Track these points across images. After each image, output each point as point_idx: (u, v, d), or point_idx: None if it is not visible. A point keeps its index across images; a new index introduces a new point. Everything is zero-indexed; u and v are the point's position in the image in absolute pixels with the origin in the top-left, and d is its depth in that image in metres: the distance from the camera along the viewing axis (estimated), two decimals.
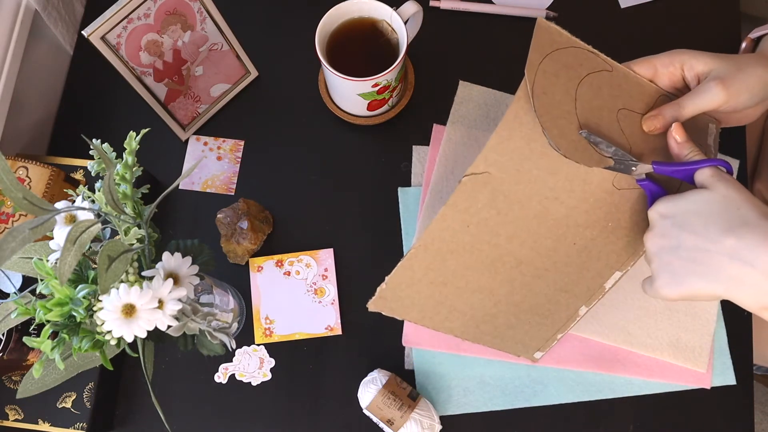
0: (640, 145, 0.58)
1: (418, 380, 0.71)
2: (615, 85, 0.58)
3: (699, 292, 0.48)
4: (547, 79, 0.55)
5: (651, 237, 0.51)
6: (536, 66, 0.55)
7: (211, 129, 0.80)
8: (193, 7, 0.70)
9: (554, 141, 0.54)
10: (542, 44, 0.56)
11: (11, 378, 0.68)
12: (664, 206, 0.51)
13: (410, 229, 0.75)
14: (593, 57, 0.58)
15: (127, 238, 0.46)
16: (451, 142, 0.76)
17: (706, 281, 0.47)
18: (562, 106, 0.55)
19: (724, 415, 0.69)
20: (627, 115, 0.58)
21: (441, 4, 0.82)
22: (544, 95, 0.55)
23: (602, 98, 0.57)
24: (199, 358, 0.72)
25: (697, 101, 0.55)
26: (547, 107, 0.55)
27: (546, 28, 0.57)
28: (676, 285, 0.49)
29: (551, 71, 0.56)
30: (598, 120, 0.57)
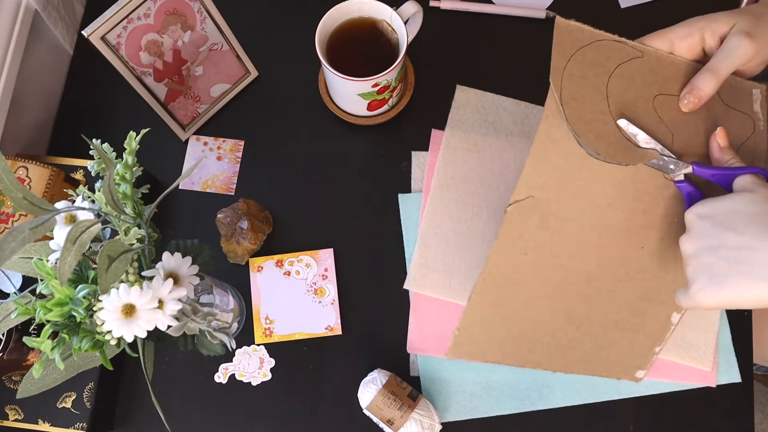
0: (683, 132, 0.55)
1: (424, 386, 0.71)
2: (648, 71, 0.56)
3: (741, 295, 0.45)
4: (574, 83, 0.53)
5: (688, 239, 0.49)
6: (561, 71, 0.53)
7: (211, 129, 0.80)
8: (193, 7, 0.70)
9: (591, 147, 0.52)
10: (564, 46, 0.54)
11: (11, 378, 0.68)
12: (703, 208, 0.49)
13: (411, 235, 0.75)
14: (620, 46, 0.55)
15: (127, 238, 0.46)
16: (450, 147, 0.76)
17: (751, 280, 0.44)
18: (595, 107, 0.54)
19: (724, 415, 0.69)
20: (665, 100, 0.56)
21: (441, 4, 0.82)
22: (574, 101, 0.53)
23: (636, 89, 0.55)
24: (199, 358, 0.72)
25: (728, 59, 0.53)
26: (579, 113, 0.53)
27: (566, 28, 0.54)
28: (716, 288, 0.46)
29: (578, 73, 0.54)
30: (634, 113, 0.54)
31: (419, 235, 0.74)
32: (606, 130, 0.53)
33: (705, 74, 0.54)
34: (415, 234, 0.75)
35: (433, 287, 0.72)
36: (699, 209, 0.49)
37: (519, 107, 0.78)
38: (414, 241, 0.74)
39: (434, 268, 0.73)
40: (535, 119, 0.77)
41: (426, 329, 0.72)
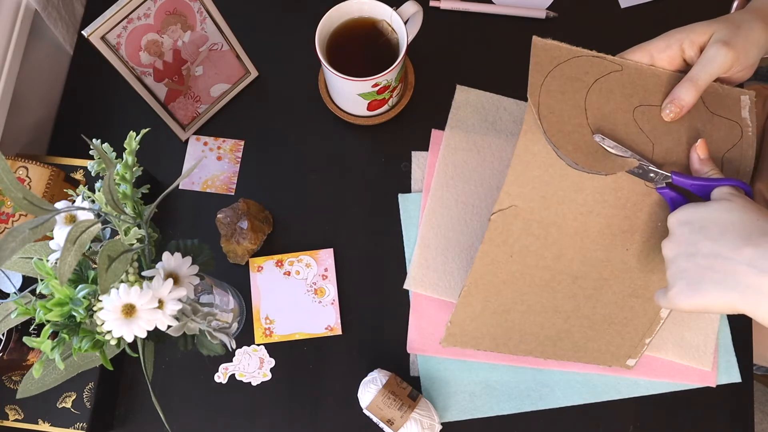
0: (664, 141, 0.57)
1: (423, 386, 0.71)
2: (627, 84, 0.57)
3: (714, 302, 0.46)
4: (552, 97, 0.55)
5: (668, 243, 0.51)
6: (539, 87, 0.55)
7: (211, 129, 0.80)
8: (193, 7, 0.70)
9: (571, 158, 0.54)
10: (542, 63, 0.56)
11: (11, 378, 0.68)
12: (684, 213, 0.50)
13: (411, 235, 0.75)
14: (599, 61, 0.57)
15: (127, 238, 0.46)
16: (450, 147, 0.76)
17: (722, 289, 0.46)
18: (573, 120, 0.55)
19: (724, 415, 0.69)
20: (645, 111, 0.57)
21: (441, 4, 0.82)
22: (552, 115, 0.55)
23: (615, 101, 0.57)
24: (199, 358, 0.72)
25: (707, 69, 0.54)
26: (557, 126, 0.54)
27: (542, 47, 0.56)
28: (691, 293, 0.47)
29: (556, 89, 0.55)
30: (613, 125, 0.56)
31: (419, 235, 0.74)
32: (584, 141, 0.55)
33: (685, 84, 0.55)
34: (415, 234, 0.75)
35: (433, 287, 0.72)
36: (680, 215, 0.51)
37: (519, 107, 0.78)
38: (414, 241, 0.74)
39: (434, 268, 0.73)
40: None
41: (426, 329, 0.72)
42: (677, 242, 0.50)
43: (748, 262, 0.44)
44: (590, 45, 0.61)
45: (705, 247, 0.47)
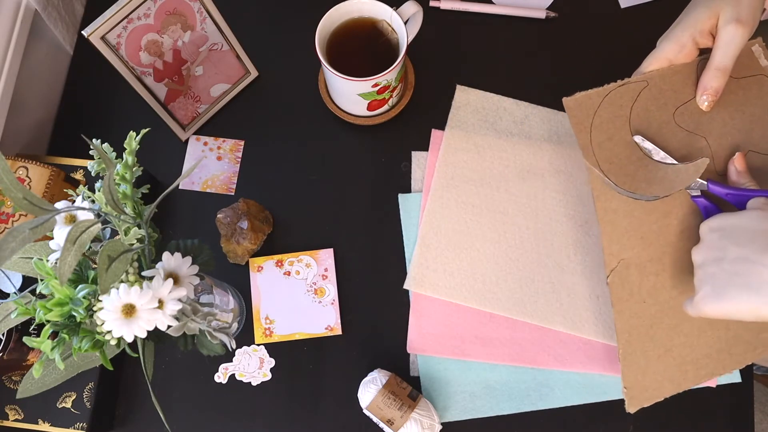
0: (713, 130, 0.59)
1: (423, 386, 0.71)
2: (657, 95, 0.59)
3: (739, 307, 0.46)
4: (604, 148, 0.58)
5: (698, 249, 0.51)
6: (589, 146, 0.57)
7: (211, 129, 0.80)
8: (193, 7, 0.70)
9: (648, 193, 0.57)
10: (580, 121, 0.58)
11: (11, 378, 0.68)
12: (715, 221, 0.51)
13: (411, 235, 0.75)
14: (625, 88, 0.58)
15: (127, 238, 0.46)
16: (450, 147, 0.76)
17: (747, 293, 0.45)
18: (631, 157, 0.58)
19: (724, 415, 0.69)
20: (683, 111, 0.59)
21: (441, 4, 0.82)
22: (612, 164, 0.57)
23: (655, 118, 0.58)
24: (199, 358, 0.72)
25: (729, 52, 0.55)
26: (622, 171, 0.57)
27: (575, 104, 0.58)
28: (717, 297, 0.47)
29: (604, 138, 0.58)
30: (665, 141, 0.58)
31: (419, 235, 0.74)
32: (648, 171, 0.58)
33: (713, 73, 0.56)
34: (415, 234, 0.75)
35: (433, 287, 0.72)
36: (711, 222, 0.51)
37: (519, 107, 0.78)
38: (414, 241, 0.74)
39: (434, 268, 0.73)
40: (535, 119, 0.77)
41: (426, 329, 0.72)
42: (706, 248, 0.50)
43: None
44: (590, 45, 0.61)
45: (732, 252, 0.47)
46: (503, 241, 0.73)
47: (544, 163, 0.75)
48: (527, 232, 0.73)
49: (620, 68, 0.78)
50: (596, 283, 0.72)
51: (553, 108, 0.78)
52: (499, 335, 0.71)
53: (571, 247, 0.73)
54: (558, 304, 0.71)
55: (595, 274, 0.72)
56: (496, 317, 0.72)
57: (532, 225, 0.74)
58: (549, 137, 0.77)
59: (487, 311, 0.72)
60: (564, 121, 0.77)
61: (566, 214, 0.74)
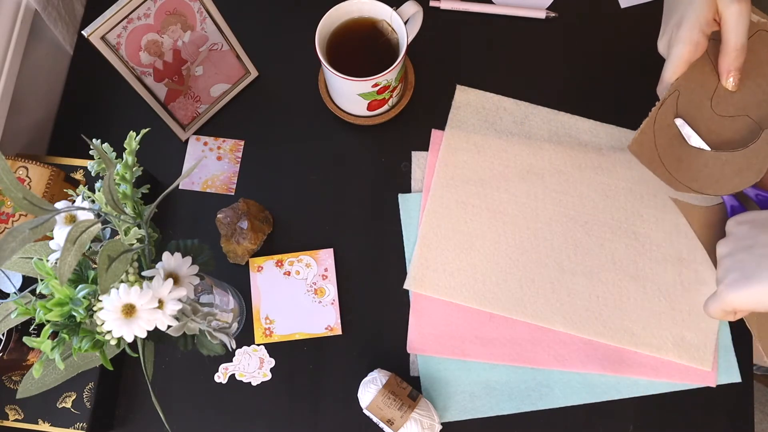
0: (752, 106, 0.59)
1: (424, 386, 0.71)
2: (691, 96, 0.59)
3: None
4: (681, 170, 0.59)
5: (724, 242, 0.50)
6: (672, 177, 0.59)
7: (211, 129, 0.80)
8: (193, 7, 0.70)
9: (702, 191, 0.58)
10: (651, 159, 0.59)
11: (11, 378, 0.68)
12: (743, 216, 0.50)
13: (411, 235, 0.75)
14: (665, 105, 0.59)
15: (127, 238, 0.46)
16: (450, 147, 0.76)
17: None
18: (705, 162, 0.58)
19: (724, 415, 0.69)
20: (717, 99, 0.59)
21: (441, 4, 0.82)
22: (697, 181, 0.58)
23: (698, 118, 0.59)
24: (199, 358, 0.72)
25: (739, 30, 0.55)
26: (707, 181, 0.58)
27: (638, 146, 0.59)
28: (746, 282, 0.45)
29: (674, 160, 0.59)
30: (720, 134, 0.59)
31: (419, 235, 0.74)
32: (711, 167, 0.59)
33: (732, 54, 0.56)
34: (415, 234, 0.75)
35: (433, 287, 0.72)
36: (739, 217, 0.51)
37: (519, 107, 0.78)
38: (414, 241, 0.74)
39: (434, 268, 0.73)
40: (535, 119, 0.77)
41: (426, 329, 0.72)
42: (735, 239, 0.48)
43: None
44: (590, 45, 0.61)
45: (764, 239, 0.46)
46: (503, 241, 0.73)
47: (544, 163, 0.75)
48: (527, 232, 0.73)
49: (620, 68, 0.78)
50: (596, 283, 0.72)
51: (553, 108, 0.78)
52: (499, 335, 0.71)
53: (571, 247, 0.73)
54: (558, 304, 0.71)
55: (595, 274, 0.72)
56: (496, 317, 0.72)
57: (532, 225, 0.74)
58: (549, 137, 0.76)
59: (487, 311, 0.72)
60: (564, 121, 0.77)
61: (566, 214, 0.74)
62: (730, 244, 0.49)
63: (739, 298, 0.46)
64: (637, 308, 0.71)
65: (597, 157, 0.75)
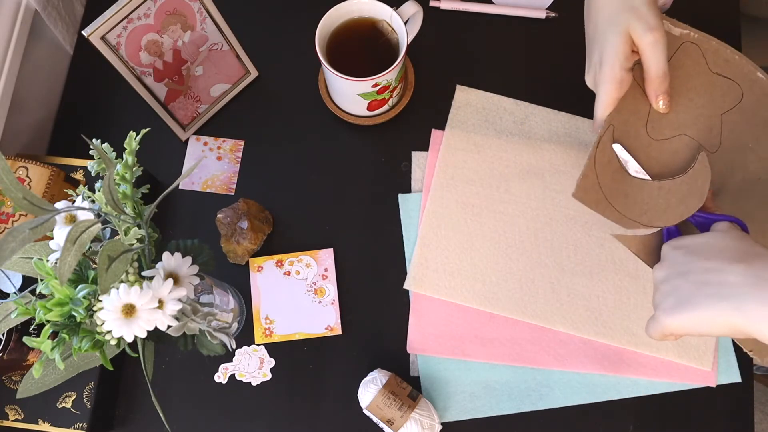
0: (689, 123, 0.59)
1: (424, 386, 0.71)
2: (625, 128, 0.58)
3: (709, 315, 0.44)
4: (629, 205, 0.57)
5: (660, 267, 0.50)
6: (621, 215, 0.57)
7: (211, 129, 0.80)
8: (193, 7, 0.70)
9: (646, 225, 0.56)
10: (597, 200, 0.57)
11: (11, 378, 0.68)
12: (679, 241, 0.50)
13: (411, 235, 0.75)
14: (602, 143, 0.57)
15: (127, 238, 0.46)
16: (450, 147, 0.76)
17: (715, 300, 0.43)
18: (648, 192, 0.57)
19: (724, 415, 0.69)
20: (651, 123, 0.59)
21: (441, 4, 0.82)
22: (647, 213, 0.56)
23: (637, 148, 0.58)
24: (199, 358, 0.72)
25: (659, 57, 0.55)
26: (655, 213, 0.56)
27: (582, 191, 0.56)
28: (681, 308, 0.45)
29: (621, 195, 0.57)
30: (663, 161, 0.58)
31: (419, 235, 0.74)
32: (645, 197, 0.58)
33: (656, 81, 0.56)
34: (415, 234, 0.75)
35: (433, 287, 0.72)
36: (674, 242, 0.51)
37: (519, 107, 0.78)
38: (414, 241, 0.74)
39: (434, 268, 0.73)
40: (535, 119, 0.77)
41: (426, 329, 0.72)
42: (670, 264, 0.49)
43: (743, 272, 0.43)
44: None
45: (699, 265, 0.46)
46: (503, 241, 0.73)
47: (544, 163, 0.75)
48: (527, 232, 0.73)
49: None
50: (596, 283, 0.72)
51: (553, 108, 0.78)
52: (499, 335, 0.71)
53: (571, 247, 0.73)
54: (558, 304, 0.71)
55: (595, 274, 0.72)
56: (496, 317, 0.72)
57: (532, 225, 0.74)
58: (549, 137, 0.77)
59: (487, 311, 0.72)
60: (564, 121, 0.77)
61: (566, 214, 0.74)
62: (665, 269, 0.49)
63: (676, 323, 0.46)
64: (637, 308, 0.71)
65: None
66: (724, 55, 0.60)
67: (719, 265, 0.45)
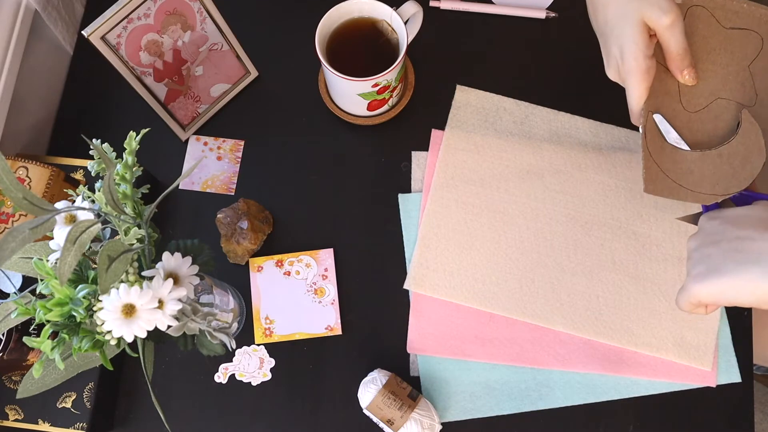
0: (719, 86, 0.59)
1: (424, 386, 0.71)
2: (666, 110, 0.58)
3: (737, 282, 0.43)
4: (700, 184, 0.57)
5: (694, 237, 0.50)
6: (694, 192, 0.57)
7: (211, 129, 0.80)
8: (193, 7, 0.70)
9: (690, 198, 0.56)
10: (670, 188, 0.57)
11: (11, 378, 0.68)
12: (715, 212, 0.50)
13: (411, 235, 0.75)
14: (648, 131, 0.58)
15: (127, 238, 0.46)
16: (450, 147, 0.76)
17: (746, 266, 0.43)
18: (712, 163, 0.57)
19: (724, 415, 0.69)
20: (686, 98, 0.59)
21: (441, 4, 0.82)
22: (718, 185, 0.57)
23: (682, 125, 0.58)
24: (199, 358, 0.72)
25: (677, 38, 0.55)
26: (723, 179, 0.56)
27: (653, 184, 0.57)
28: (713, 274, 0.45)
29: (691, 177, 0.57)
30: (708, 132, 0.58)
31: (419, 235, 0.74)
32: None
33: (677, 59, 0.56)
34: (415, 234, 0.75)
35: (433, 287, 0.72)
36: (711, 213, 0.51)
37: (519, 107, 0.78)
38: (414, 241, 0.74)
39: (434, 268, 0.73)
40: (535, 119, 0.77)
41: (426, 329, 0.72)
42: (704, 234, 0.48)
43: None
44: (590, 45, 0.61)
45: (731, 233, 0.46)
46: (503, 241, 0.73)
47: (544, 163, 0.75)
48: (527, 232, 0.73)
49: None
50: (596, 283, 0.72)
51: (553, 108, 0.78)
52: (499, 335, 0.71)
53: (571, 247, 0.73)
54: (558, 304, 0.71)
55: (595, 274, 0.72)
56: (496, 317, 0.72)
57: (532, 225, 0.74)
58: (549, 137, 0.77)
59: (487, 311, 0.72)
60: (564, 121, 0.77)
61: (566, 214, 0.74)
62: (699, 238, 0.49)
63: (705, 290, 0.46)
64: (637, 308, 0.71)
65: (597, 157, 0.75)
66: (732, 8, 0.60)
67: (752, 233, 0.45)
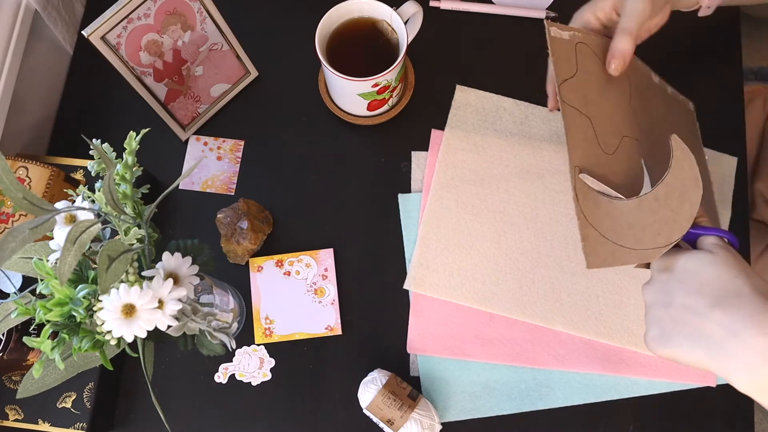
0: (621, 124, 0.57)
1: (424, 386, 0.71)
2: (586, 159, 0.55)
3: (684, 355, 0.46)
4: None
5: (648, 288, 0.51)
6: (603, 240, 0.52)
7: (211, 129, 0.80)
8: (193, 7, 0.70)
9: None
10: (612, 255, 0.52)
11: (11, 378, 0.68)
12: (665, 261, 0.50)
13: (411, 235, 0.75)
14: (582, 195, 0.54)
15: (127, 238, 0.46)
16: (450, 147, 0.76)
17: (691, 344, 0.46)
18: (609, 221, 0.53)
19: (724, 415, 0.69)
20: (601, 137, 0.56)
21: (441, 4, 0.82)
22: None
23: (598, 168, 0.55)
24: (199, 358, 0.72)
25: (631, 16, 0.56)
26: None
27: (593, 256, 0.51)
28: (663, 342, 0.48)
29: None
30: (624, 174, 0.56)
31: (419, 235, 0.74)
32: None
33: (620, 36, 0.57)
34: (415, 234, 0.75)
35: (433, 287, 0.72)
36: (662, 262, 0.50)
37: (519, 108, 0.78)
38: (414, 241, 0.74)
39: (434, 268, 0.73)
40: (535, 119, 0.77)
41: (426, 329, 0.72)
42: (655, 289, 0.50)
43: (718, 322, 0.45)
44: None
45: (680, 299, 0.47)
46: (503, 241, 0.73)
47: (544, 163, 0.75)
48: (527, 232, 0.74)
49: None
50: (596, 283, 0.72)
51: None
52: (499, 335, 0.71)
53: (571, 247, 0.73)
54: (558, 304, 0.71)
55: (595, 274, 0.72)
56: (496, 317, 0.72)
57: (532, 225, 0.74)
58: (549, 137, 0.77)
59: (487, 311, 0.72)
60: None
61: (566, 214, 0.74)
62: (651, 292, 0.50)
63: (662, 353, 0.48)
64: (637, 308, 0.71)
65: None
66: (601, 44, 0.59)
67: (696, 304, 0.46)
